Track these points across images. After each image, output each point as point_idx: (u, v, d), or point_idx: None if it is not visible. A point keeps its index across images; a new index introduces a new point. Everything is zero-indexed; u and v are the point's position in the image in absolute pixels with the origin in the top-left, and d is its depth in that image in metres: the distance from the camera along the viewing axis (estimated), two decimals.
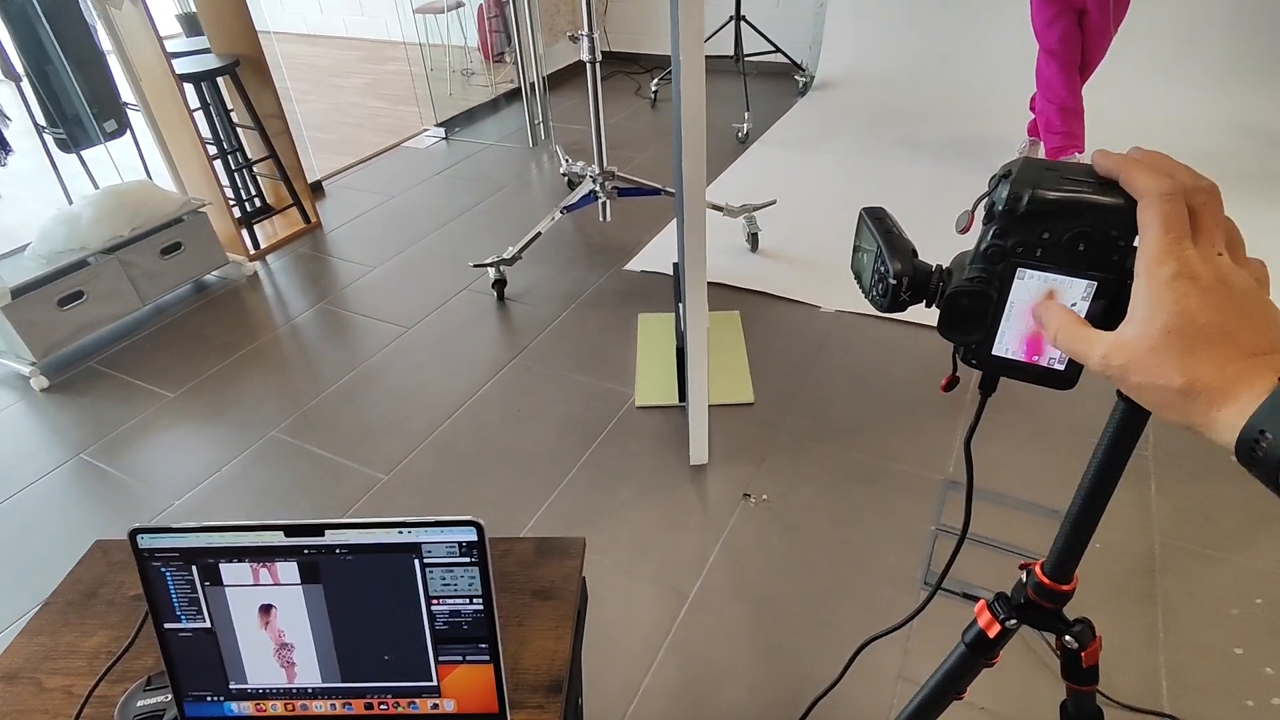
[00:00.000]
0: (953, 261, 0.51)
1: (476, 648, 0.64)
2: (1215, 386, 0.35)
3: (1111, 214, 0.43)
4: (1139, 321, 0.37)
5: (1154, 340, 0.36)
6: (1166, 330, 0.36)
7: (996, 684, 1.41)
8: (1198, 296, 0.36)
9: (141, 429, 2.18)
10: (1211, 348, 0.35)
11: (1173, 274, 0.36)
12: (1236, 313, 0.36)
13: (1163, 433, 1.94)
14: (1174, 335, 0.36)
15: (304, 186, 3.20)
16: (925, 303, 0.52)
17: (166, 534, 0.62)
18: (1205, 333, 0.35)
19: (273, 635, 0.64)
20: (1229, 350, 0.35)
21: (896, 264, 0.51)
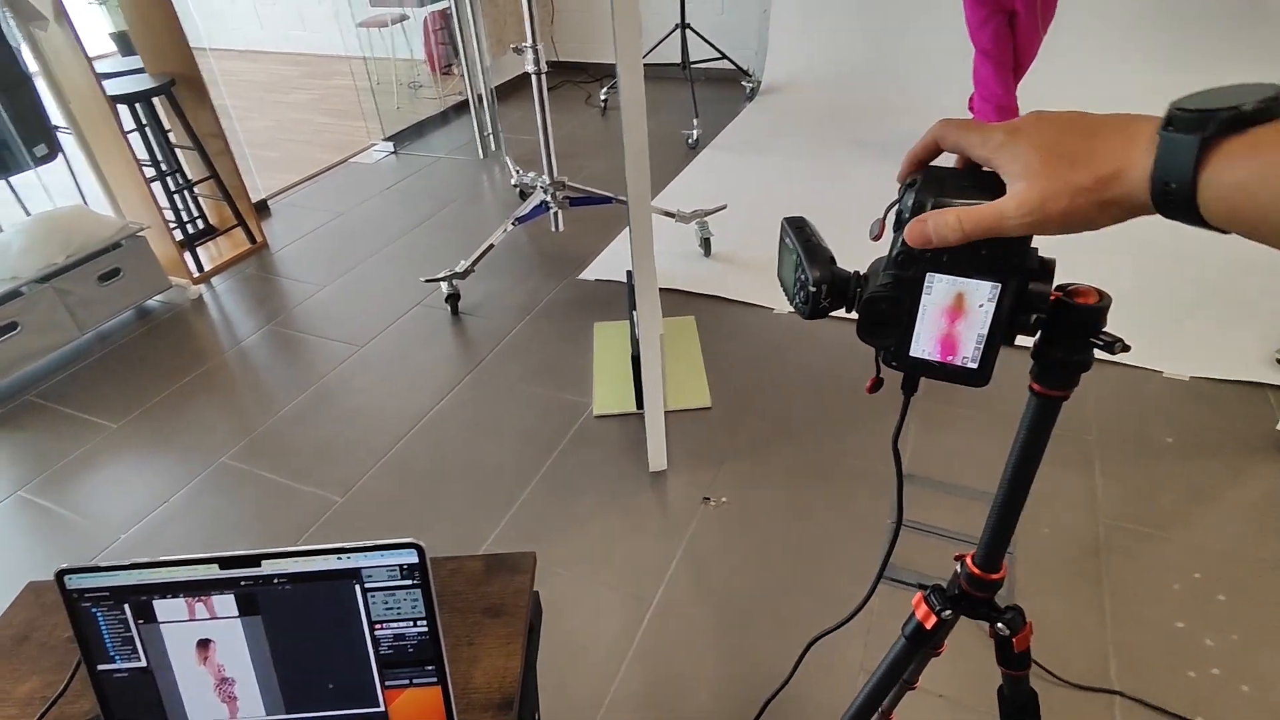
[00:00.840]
0: (869, 267, 0.53)
1: (423, 670, 0.64)
2: (1114, 168, 0.39)
3: None
4: (1019, 174, 0.42)
5: (1045, 173, 0.40)
6: (1045, 161, 0.40)
7: (954, 672, 1.44)
8: (1040, 129, 0.42)
9: (84, 462, 2.11)
10: (1089, 143, 0.40)
11: (1008, 133, 0.43)
12: (1078, 118, 0.41)
13: (1105, 417, 2.01)
14: (1054, 158, 0.40)
15: (248, 206, 3.13)
16: (846, 308, 0.53)
17: (95, 573, 0.60)
18: (1073, 141, 0.40)
19: (212, 670, 0.63)
20: (1101, 137, 0.40)
21: (815, 271, 0.52)
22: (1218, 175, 0.35)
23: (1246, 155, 0.34)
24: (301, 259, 3.10)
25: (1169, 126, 0.37)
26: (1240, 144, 0.35)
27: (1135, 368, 2.17)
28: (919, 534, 1.73)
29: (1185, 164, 0.36)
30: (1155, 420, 2.00)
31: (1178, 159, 0.36)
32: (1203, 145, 0.35)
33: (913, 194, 0.47)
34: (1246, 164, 0.34)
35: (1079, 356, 0.50)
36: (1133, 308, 2.40)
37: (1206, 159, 0.35)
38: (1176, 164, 0.36)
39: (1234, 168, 0.35)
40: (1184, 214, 0.37)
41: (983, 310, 0.48)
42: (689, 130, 3.86)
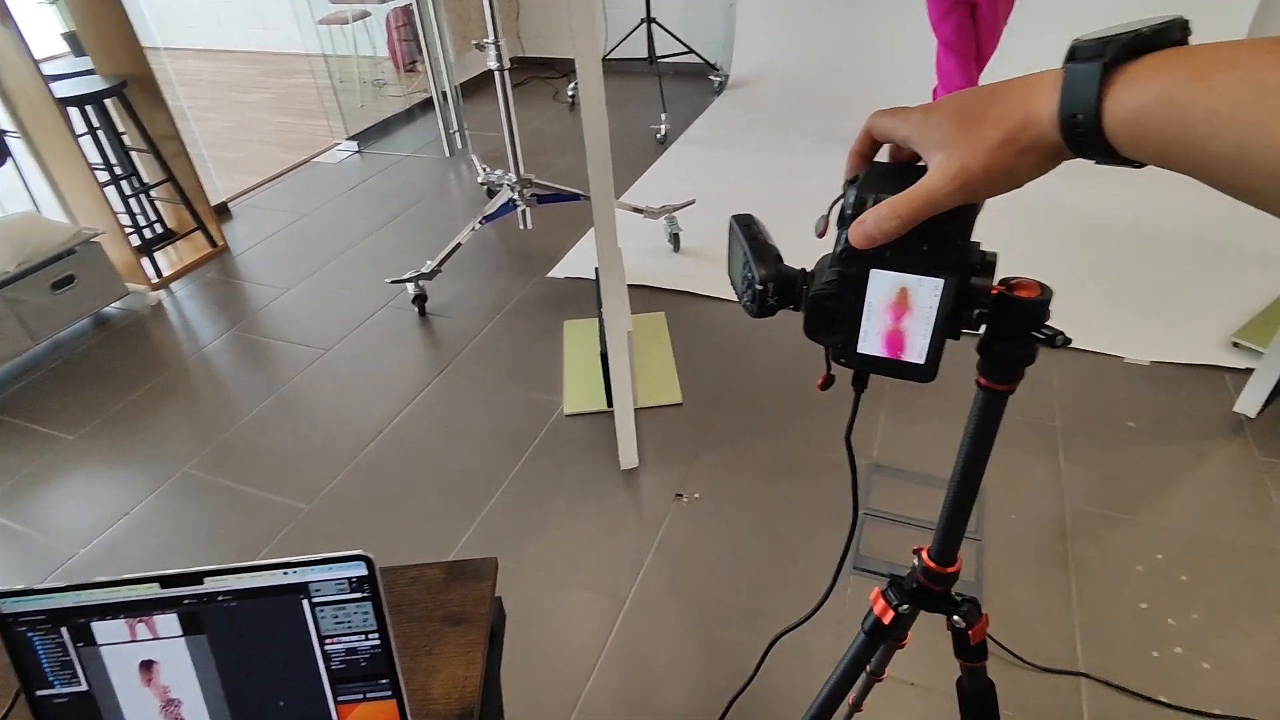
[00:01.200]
0: (816, 265, 0.52)
1: (377, 684, 0.63)
2: (1023, 115, 0.39)
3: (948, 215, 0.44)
4: (938, 145, 0.42)
5: (959, 138, 0.41)
6: (958, 126, 0.41)
7: (923, 660, 1.45)
8: (952, 101, 0.43)
9: (39, 476, 2.05)
10: (997, 101, 0.41)
11: (924, 111, 0.44)
12: (986, 86, 0.42)
13: (1069, 404, 2.04)
14: (966, 120, 0.41)
15: (207, 209, 3.06)
16: (793, 306, 0.53)
17: (29, 596, 0.58)
18: (982, 103, 0.41)
19: (157, 692, 0.61)
20: (1008, 92, 0.41)
21: (761, 270, 0.51)
22: (1120, 100, 0.35)
23: (1146, 78, 0.34)
24: (264, 262, 3.04)
25: (1072, 59, 0.37)
26: (1140, 67, 0.34)
27: (1097, 354, 2.20)
28: (888, 523, 1.74)
29: (1089, 93, 0.35)
30: (1117, 405, 2.03)
31: (1081, 89, 0.36)
32: (1104, 72, 0.35)
33: (854, 190, 0.46)
34: (1146, 86, 0.34)
35: (1022, 351, 0.50)
36: (1093, 294, 2.44)
37: (1109, 87, 0.35)
38: (1080, 94, 0.36)
39: (1134, 92, 0.34)
40: (1095, 147, 0.37)
41: (927, 307, 0.48)
42: (657, 125, 3.85)
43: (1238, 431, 1.92)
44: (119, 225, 2.71)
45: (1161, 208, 2.89)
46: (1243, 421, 1.94)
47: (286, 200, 3.56)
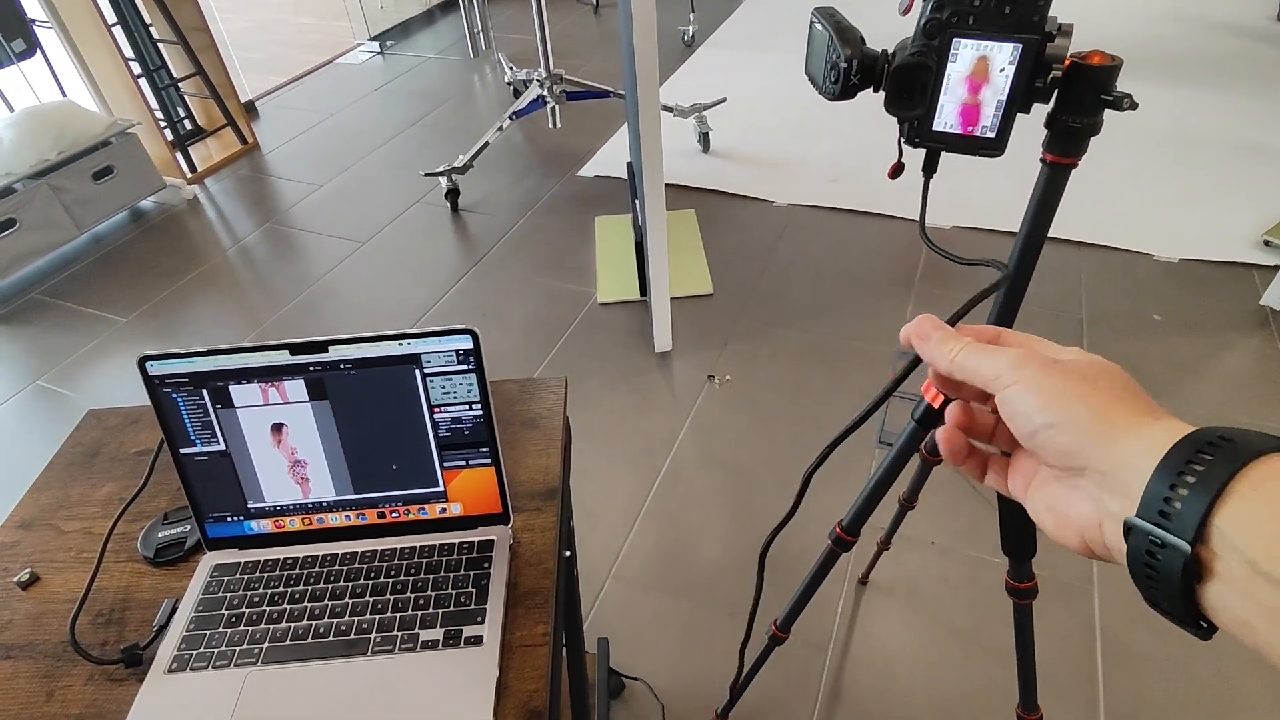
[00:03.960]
0: (896, 45, 0.56)
1: (478, 452, 0.70)
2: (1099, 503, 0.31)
3: None
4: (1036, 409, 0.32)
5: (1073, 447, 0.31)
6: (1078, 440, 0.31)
7: (944, 521, 1.54)
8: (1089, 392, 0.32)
9: (97, 354, 2.14)
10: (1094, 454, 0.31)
11: (1056, 373, 0.33)
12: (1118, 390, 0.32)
13: (1096, 298, 2.07)
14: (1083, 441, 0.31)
15: (237, 105, 3.07)
16: (874, 87, 0.57)
17: (175, 359, 0.65)
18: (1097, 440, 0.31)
19: (285, 453, 0.69)
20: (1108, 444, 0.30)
21: (846, 49, 0.55)
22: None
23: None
24: (294, 160, 3.06)
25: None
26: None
27: (1127, 251, 2.22)
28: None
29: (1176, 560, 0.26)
30: (1145, 300, 2.06)
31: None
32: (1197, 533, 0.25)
33: None
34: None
35: (1090, 118, 0.54)
36: (1127, 194, 2.43)
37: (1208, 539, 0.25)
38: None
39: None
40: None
41: (1003, 75, 0.52)
42: (685, 27, 3.76)
43: (1263, 325, 1.95)
44: (153, 118, 2.73)
45: (1199, 109, 2.84)
46: (1268, 315, 1.97)
47: (312, 100, 3.55)
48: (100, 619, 0.68)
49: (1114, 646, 1.35)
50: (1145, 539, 0.26)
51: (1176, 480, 0.25)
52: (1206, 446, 0.25)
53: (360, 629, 0.64)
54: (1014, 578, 0.79)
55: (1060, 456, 0.30)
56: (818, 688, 1.32)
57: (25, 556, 0.73)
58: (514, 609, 0.67)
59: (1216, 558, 0.24)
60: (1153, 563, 0.26)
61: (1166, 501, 0.25)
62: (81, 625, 0.67)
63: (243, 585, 0.68)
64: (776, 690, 1.31)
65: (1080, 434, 0.29)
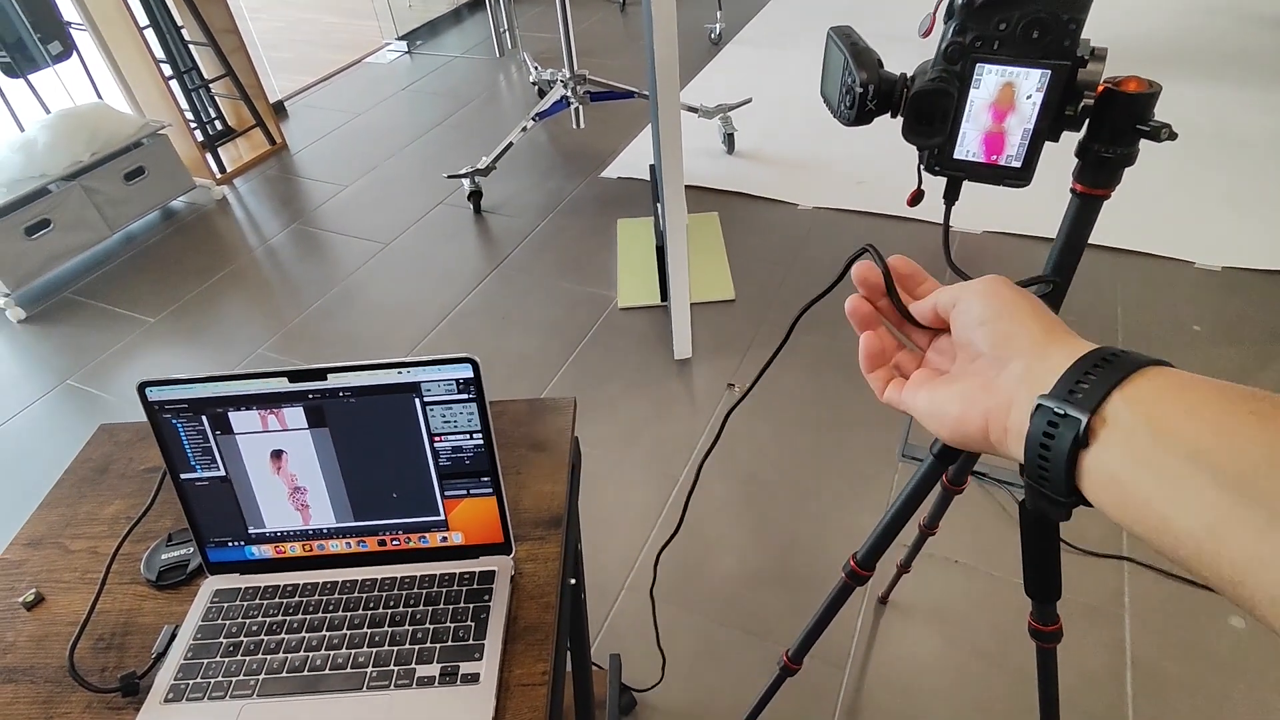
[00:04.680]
0: (916, 69, 0.53)
1: (479, 481, 0.68)
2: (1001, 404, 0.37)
3: None
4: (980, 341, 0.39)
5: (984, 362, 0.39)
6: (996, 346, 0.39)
7: (970, 540, 1.50)
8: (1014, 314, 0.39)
9: (126, 354, 2.18)
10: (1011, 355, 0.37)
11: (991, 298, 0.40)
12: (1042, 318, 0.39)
13: (1132, 307, 2.00)
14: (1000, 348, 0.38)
15: (266, 106, 3.10)
16: (891, 112, 0.54)
17: (174, 385, 0.64)
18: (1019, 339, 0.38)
19: (285, 480, 0.68)
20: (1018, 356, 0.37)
21: (863, 74, 0.52)
22: (1097, 460, 0.30)
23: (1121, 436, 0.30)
24: (322, 160, 3.08)
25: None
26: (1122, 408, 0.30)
27: (1166, 259, 2.14)
28: None
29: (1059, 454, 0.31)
30: (1184, 310, 1.99)
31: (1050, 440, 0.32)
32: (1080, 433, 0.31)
33: None
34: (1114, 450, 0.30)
35: (1124, 148, 0.50)
36: (1168, 200, 2.34)
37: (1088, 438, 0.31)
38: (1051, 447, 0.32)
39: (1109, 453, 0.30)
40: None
41: (1030, 102, 0.48)
42: (712, 24, 3.72)
43: None
44: (183, 119, 2.77)
45: (1243, 107, 2.73)
46: None
47: (340, 100, 3.57)
48: (101, 643, 0.67)
49: (1145, 674, 1.30)
50: (1049, 414, 0.31)
51: (1090, 369, 0.31)
52: (1111, 356, 0.32)
53: (357, 663, 0.63)
54: (1038, 620, 0.75)
55: (994, 345, 0.36)
56: (834, 708, 1.29)
57: (31, 576, 0.73)
58: (513, 645, 0.65)
59: (1104, 424, 0.30)
60: (1050, 434, 0.31)
61: (1076, 384, 0.31)
62: (82, 650, 0.67)
63: (242, 613, 0.67)
64: (792, 708, 1.29)
65: (1023, 336, 0.35)
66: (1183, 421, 0.28)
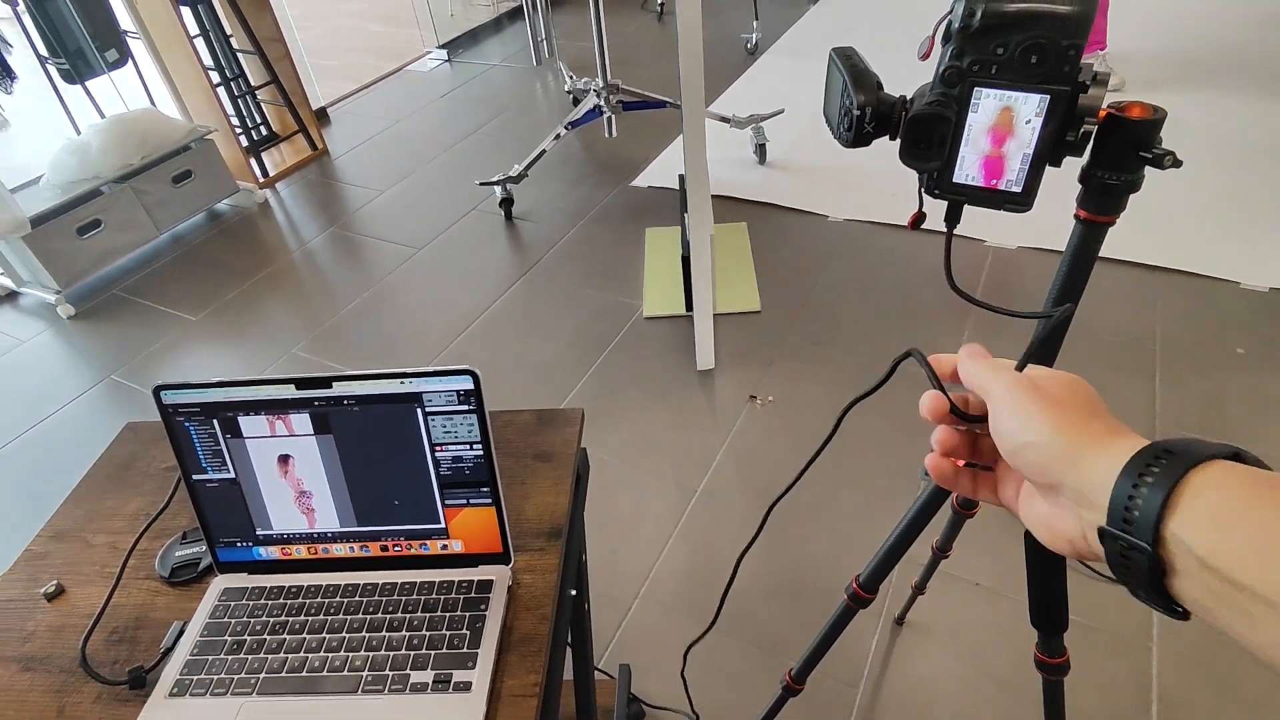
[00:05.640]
0: (915, 92, 0.52)
1: (479, 491, 0.69)
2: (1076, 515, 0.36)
3: (1063, 21, 0.44)
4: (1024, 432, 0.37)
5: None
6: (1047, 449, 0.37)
7: (990, 563, 1.47)
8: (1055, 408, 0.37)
9: (168, 350, 2.25)
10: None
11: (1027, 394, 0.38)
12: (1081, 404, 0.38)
13: (1171, 328, 1.94)
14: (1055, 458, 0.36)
15: (309, 113, 3.18)
16: (890, 135, 0.53)
17: (187, 389, 0.66)
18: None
19: (292, 484, 0.70)
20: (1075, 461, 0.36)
21: (860, 96, 0.52)
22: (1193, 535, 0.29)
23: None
24: (360, 165, 3.15)
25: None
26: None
27: (1210, 278, 2.07)
28: None
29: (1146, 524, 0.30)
30: (1227, 331, 1.92)
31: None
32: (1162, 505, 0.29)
33: (964, 2, 0.46)
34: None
35: (1128, 175, 0.49)
36: (1213, 217, 2.27)
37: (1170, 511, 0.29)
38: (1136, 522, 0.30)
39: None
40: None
41: (1029, 127, 0.47)
42: (748, 34, 3.71)
43: None
44: (229, 125, 2.86)
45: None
46: None
47: (381, 107, 3.65)
48: (114, 636, 0.70)
49: (1172, 708, 1.25)
50: (1117, 544, 0.30)
51: (1133, 492, 0.29)
52: (1153, 459, 0.29)
53: (354, 666, 0.64)
54: (1044, 652, 0.73)
55: (1036, 473, 0.34)
56: None
57: (54, 568, 0.76)
58: (507, 655, 0.66)
59: (1174, 556, 0.28)
60: (1126, 563, 0.30)
61: (1127, 510, 0.29)
62: (96, 642, 0.69)
63: (247, 612, 0.69)
64: None
65: (1049, 453, 0.33)
66: (1245, 556, 0.27)
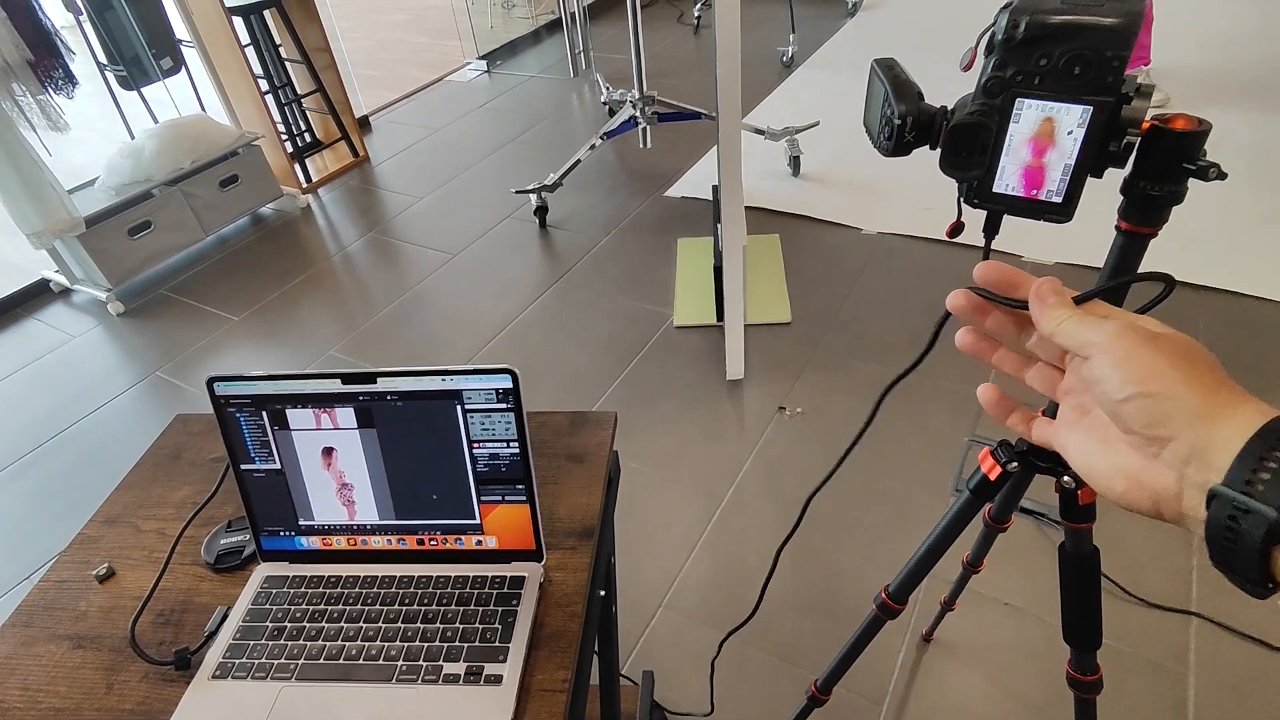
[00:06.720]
0: (956, 102, 0.53)
1: (514, 489, 0.71)
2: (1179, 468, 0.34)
3: (1107, 33, 0.44)
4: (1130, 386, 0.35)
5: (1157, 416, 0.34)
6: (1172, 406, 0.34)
7: (1022, 582, 1.44)
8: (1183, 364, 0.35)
9: (210, 349, 2.32)
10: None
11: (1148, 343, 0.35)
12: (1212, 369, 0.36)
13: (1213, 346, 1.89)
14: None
15: (352, 121, 3.26)
16: (930, 145, 0.54)
17: (239, 381, 0.69)
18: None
19: (334, 476, 0.72)
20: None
21: (901, 105, 0.53)
22: None
23: None
24: (400, 172, 3.22)
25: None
26: None
27: (1258, 299, 2.02)
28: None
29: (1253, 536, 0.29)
30: (1273, 355, 1.87)
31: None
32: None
33: (1006, 14, 0.46)
34: None
35: (1171, 187, 0.49)
36: (1265, 237, 2.21)
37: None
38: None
39: None
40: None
41: (1071, 138, 0.48)
42: (784, 47, 3.72)
43: None
44: (276, 132, 2.94)
45: None
46: None
47: (421, 116, 3.73)
48: (161, 618, 0.72)
49: None
50: (1230, 505, 0.28)
51: (1266, 456, 0.28)
52: None
53: (389, 655, 0.66)
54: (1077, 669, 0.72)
55: (1148, 425, 0.32)
56: None
57: (105, 551, 0.79)
58: (538, 650, 0.67)
59: None
60: (1234, 527, 0.28)
61: (1254, 474, 0.28)
62: (144, 624, 0.72)
63: (288, 599, 0.71)
64: None
65: (1172, 407, 0.31)
66: None
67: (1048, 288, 0.37)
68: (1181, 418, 0.31)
